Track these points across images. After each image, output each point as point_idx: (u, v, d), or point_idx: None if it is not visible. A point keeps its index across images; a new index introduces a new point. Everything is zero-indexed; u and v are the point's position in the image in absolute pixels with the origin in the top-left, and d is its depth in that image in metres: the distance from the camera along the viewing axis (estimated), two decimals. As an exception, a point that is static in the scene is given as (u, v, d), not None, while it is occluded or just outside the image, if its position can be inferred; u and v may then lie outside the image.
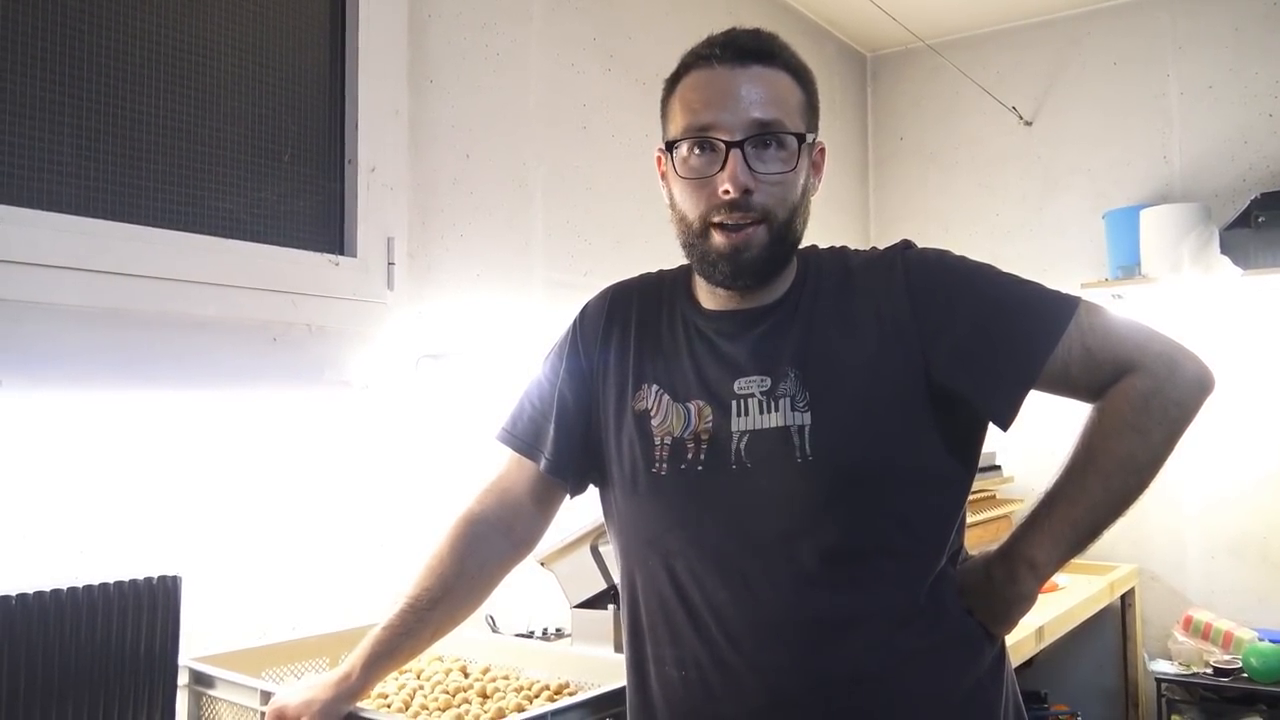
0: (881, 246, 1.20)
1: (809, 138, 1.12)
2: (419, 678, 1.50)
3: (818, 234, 1.17)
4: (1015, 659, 2.07)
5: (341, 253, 1.78)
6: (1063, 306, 1.09)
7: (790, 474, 1.07)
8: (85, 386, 1.41)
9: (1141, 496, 1.09)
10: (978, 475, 3.13)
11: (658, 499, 1.14)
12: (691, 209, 1.10)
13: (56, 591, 1.27)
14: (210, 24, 1.61)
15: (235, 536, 1.59)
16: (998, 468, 3.03)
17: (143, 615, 1.35)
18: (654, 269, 1.30)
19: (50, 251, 1.37)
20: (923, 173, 3.51)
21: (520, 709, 1.36)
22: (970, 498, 2.64)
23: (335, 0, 1.81)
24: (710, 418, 1.12)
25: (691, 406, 1.14)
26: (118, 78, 1.49)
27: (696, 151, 1.09)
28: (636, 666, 1.18)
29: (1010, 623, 1.14)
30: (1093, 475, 1.08)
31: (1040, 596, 2.54)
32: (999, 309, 1.09)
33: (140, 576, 1.35)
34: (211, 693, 1.38)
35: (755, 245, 1.09)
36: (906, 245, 1.16)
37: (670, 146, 1.12)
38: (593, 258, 2.34)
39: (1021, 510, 1.15)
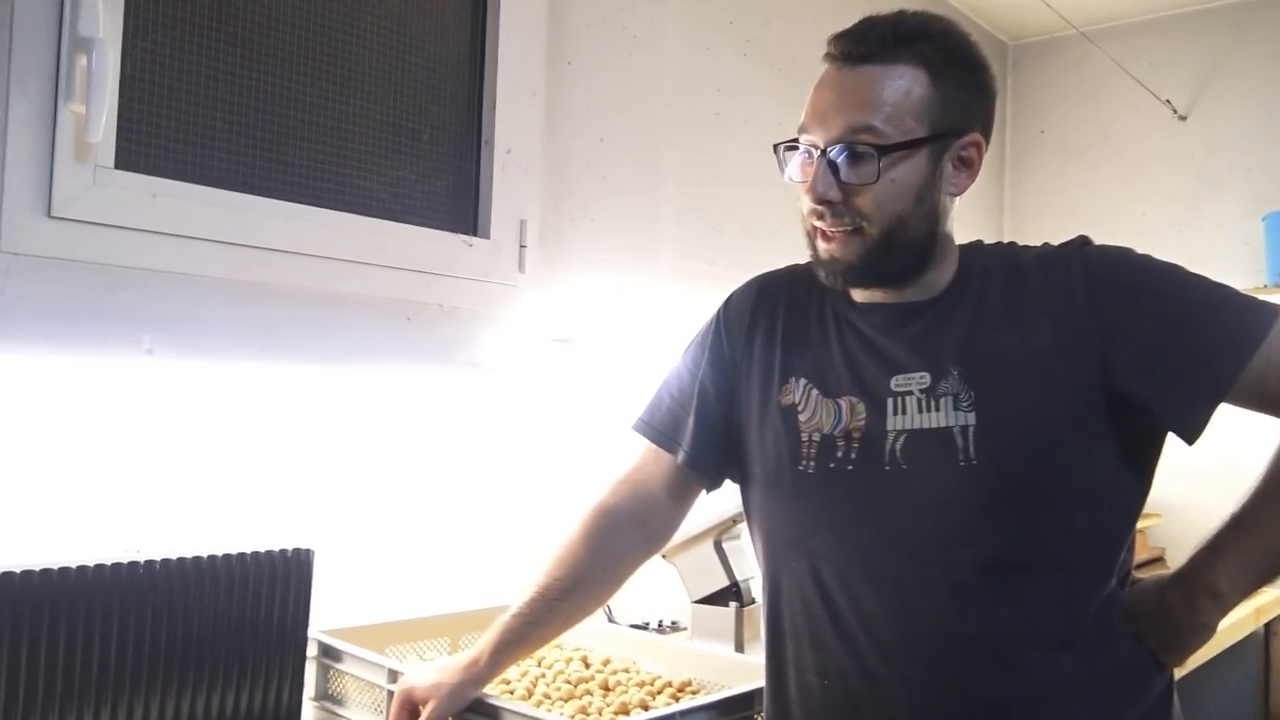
0: (1022, 243, 1.13)
1: (922, 140, 1.04)
2: (540, 665, 1.49)
3: (956, 231, 1.12)
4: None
5: (475, 234, 1.78)
6: (1261, 314, 1.00)
7: (951, 478, 1.01)
8: (227, 357, 1.43)
9: None
10: None
11: (804, 498, 1.10)
12: (803, 210, 1.09)
13: (196, 558, 1.29)
14: (357, 4, 1.62)
15: (364, 512, 1.61)
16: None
17: (275, 586, 1.36)
18: (783, 260, 1.27)
19: (200, 224, 1.39)
20: (1064, 168, 3.35)
21: (644, 705, 1.33)
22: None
23: (478, -19, 1.81)
24: (863, 415, 1.07)
25: (843, 402, 1.09)
26: (269, 56, 1.50)
27: (803, 155, 1.07)
28: (775, 671, 1.14)
29: (1185, 654, 1.06)
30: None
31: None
32: (1190, 313, 1.01)
33: (275, 548, 1.36)
34: (339, 666, 1.40)
35: (851, 253, 1.06)
36: (1085, 241, 1.09)
37: (782, 147, 1.10)
38: (721, 246, 2.29)
39: (1202, 535, 1.06)
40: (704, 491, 1.27)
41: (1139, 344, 1.00)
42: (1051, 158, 3.38)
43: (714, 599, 1.75)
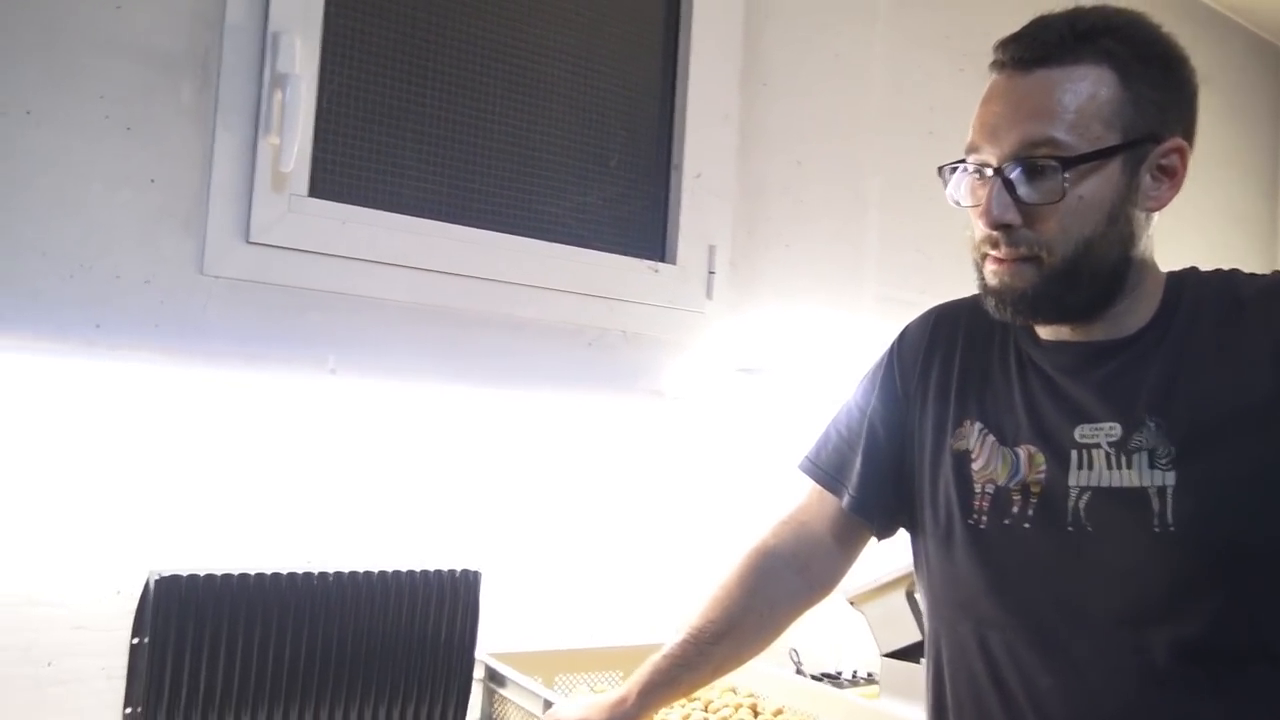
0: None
1: (1112, 148, 0.89)
2: (706, 709, 1.42)
3: (1209, 254, 0.96)
4: None
5: (662, 259, 1.75)
6: None
7: (1144, 545, 0.87)
8: (408, 378, 1.47)
9: None
10: None
11: (974, 556, 0.98)
12: (972, 237, 0.96)
13: (368, 573, 1.33)
14: (547, 31, 1.64)
15: (536, 537, 1.60)
16: None
17: (444, 606, 1.38)
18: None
19: (386, 249, 1.44)
20: (1353, 185, 2.94)
21: (809, 762, 1.23)
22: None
23: (670, 4, 1.79)
24: (1043, 467, 0.94)
25: (1021, 452, 0.97)
26: (458, 85, 1.55)
27: (974, 175, 0.95)
28: None
29: None
30: None
31: None
32: None
33: (444, 568, 1.38)
34: (502, 691, 1.39)
35: (1024, 282, 0.92)
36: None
37: (949, 169, 0.98)
38: (932, 273, 2.15)
39: None
40: (874, 539, 1.17)
41: None
42: (1337, 174, 2.97)
43: (907, 653, 1.61)
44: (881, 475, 1.12)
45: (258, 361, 1.35)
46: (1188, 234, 2.65)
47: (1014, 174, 0.90)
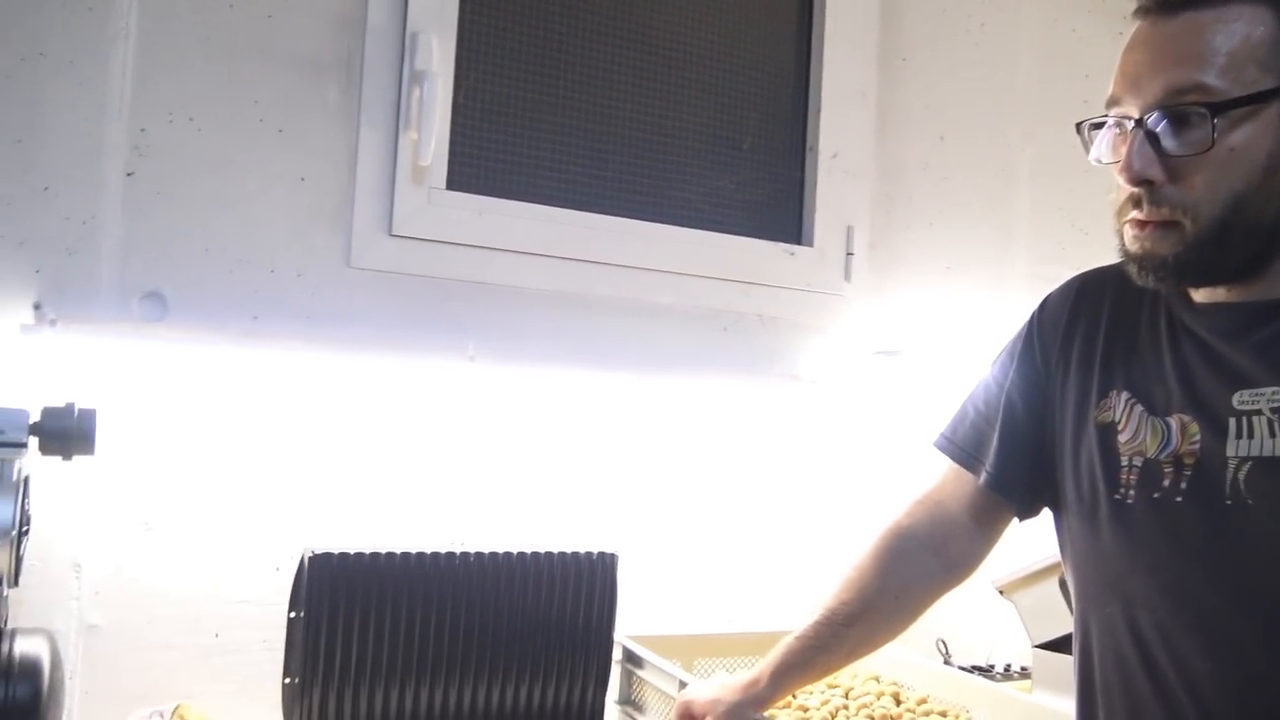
0: None
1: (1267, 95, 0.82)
2: (846, 696, 1.39)
3: None
4: None
5: (798, 242, 1.73)
6: None
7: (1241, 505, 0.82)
8: (545, 364, 1.50)
9: None
10: None
11: (1122, 533, 0.92)
12: (1116, 199, 0.90)
13: (509, 554, 1.36)
14: (677, 16, 1.64)
15: (673, 521, 1.61)
16: None
17: (583, 587, 1.40)
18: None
19: (523, 239, 1.48)
20: None
21: (951, 753, 1.19)
22: None
23: (804, -17, 1.76)
24: (1197, 437, 0.88)
25: (1173, 422, 0.90)
26: (590, 76, 1.57)
27: (1115, 130, 0.88)
28: None
29: None
30: None
31: None
32: None
33: (582, 550, 1.40)
34: (640, 673, 1.40)
35: (1167, 248, 0.86)
36: None
37: (1090, 125, 0.92)
38: (1090, 249, 2.03)
39: None
40: (1015, 519, 1.12)
41: None
42: None
43: (1060, 645, 1.53)
44: (1020, 451, 1.07)
45: (401, 349, 1.41)
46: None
47: (1158, 125, 0.85)
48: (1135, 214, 0.88)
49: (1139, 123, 0.85)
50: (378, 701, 1.28)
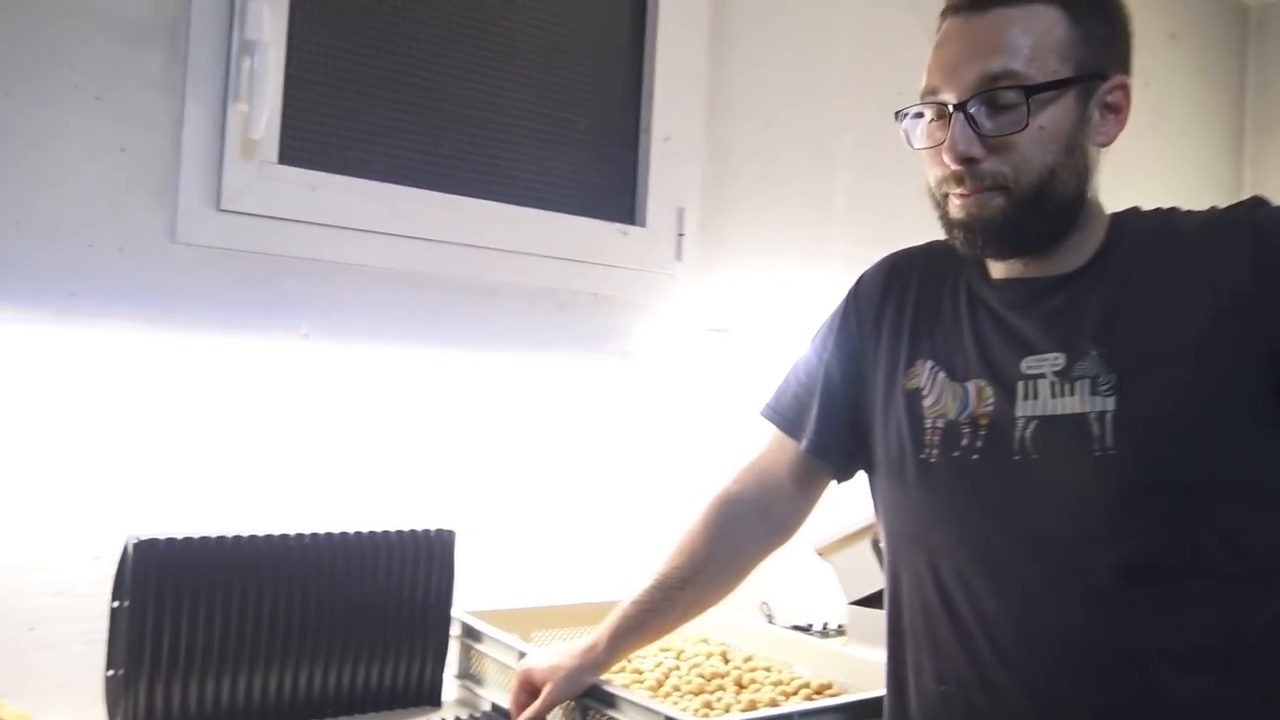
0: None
1: (1069, 81, 0.93)
2: (678, 657, 1.46)
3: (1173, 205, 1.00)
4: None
5: (631, 222, 1.77)
6: None
7: (1085, 469, 0.91)
8: (381, 343, 1.49)
9: None
10: None
11: (926, 489, 1.02)
12: (932, 179, 0.99)
13: (344, 534, 1.36)
14: (514, -4, 1.65)
15: (510, 497, 1.64)
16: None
17: (420, 565, 1.41)
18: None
19: (358, 216, 1.46)
20: (1316, 140, 2.98)
21: (774, 704, 1.28)
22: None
23: (638, -33, 1.80)
24: (991, 400, 0.98)
25: (970, 386, 1.00)
26: (428, 52, 1.56)
27: (930, 118, 0.97)
28: (894, 674, 1.07)
29: None
30: None
31: None
32: None
33: (419, 528, 1.41)
34: (479, 647, 1.42)
35: (991, 212, 0.94)
36: (1257, 202, 0.94)
37: (907, 114, 1.00)
38: (901, 233, 2.15)
39: None
40: (834, 482, 1.21)
41: None
42: (1301, 130, 3.01)
43: (873, 600, 1.66)
44: (838, 418, 1.15)
45: (232, 328, 1.37)
46: (1154, 187, 2.68)
47: (976, 109, 0.93)
48: (960, 188, 0.96)
49: (959, 107, 0.93)
50: (209, 690, 1.25)
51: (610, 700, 1.17)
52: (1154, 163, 2.78)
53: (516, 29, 1.65)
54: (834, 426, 1.15)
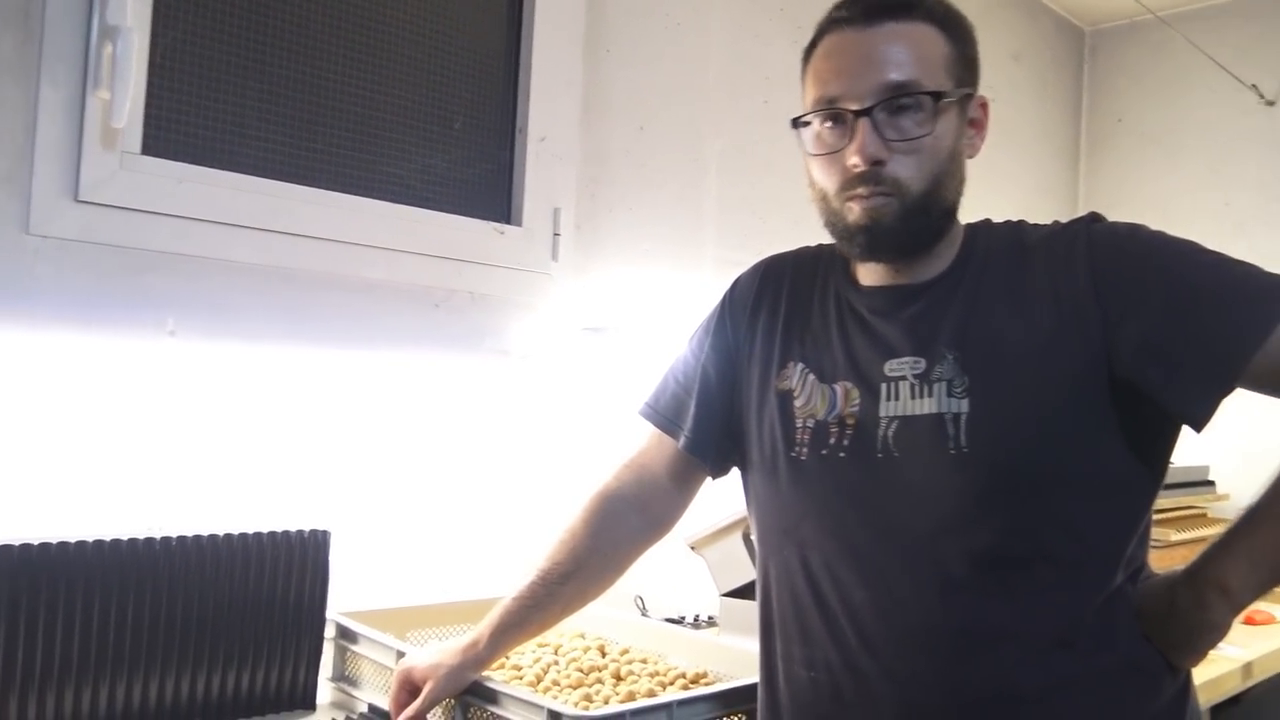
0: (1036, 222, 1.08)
1: (957, 94, 1.00)
2: (556, 653, 1.48)
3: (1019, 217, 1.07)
4: (1216, 695, 1.85)
5: (508, 221, 1.78)
6: (1278, 292, 0.92)
7: (941, 466, 0.97)
8: (252, 340, 1.46)
9: None
10: (1188, 490, 2.78)
11: (796, 486, 1.07)
12: (829, 185, 1.02)
13: (214, 537, 1.32)
14: (389, -9, 1.63)
15: (386, 496, 1.62)
16: (1210, 483, 2.73)
17: (293, 566, 1.38)
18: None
19: (227, 210, 1.42)
20: (1142, 157, 3.21)
21: (652, 695, 1.31)
22: (1177, 514, 2.38)
23: (514, -32, 1.80)
24: (857, 401, 1.04)
25: (838, 388, 1.06)
26: (300, 43, 1.52)
27: (828, 125, 1.01)
28: (766, 662, 1.11)
29: (1195, 654, 0.99)
30: None
31: (1252, 629, 2.25)
32: (1198, 293, 0.94)
33: (292, 529, 1.38)
34: (355, 648, 1.41)
35: (889, 216, 0.99)
36: (1094, 218, 1.03)
37: (801, 122, 1.04)
38: (768, 237, 2.24)
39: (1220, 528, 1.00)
40: (709, 478, 1.25)
41: (1143, 327, 0.94)
42: (1129, 146, 3.24)
43: (743, 592, 1.71)
44: (713, 416, 1.19)
45: (93, 325, 1.31)
46: (998, 201, 2.85)
47: (880, 116, 0.97)
48: (860, 190, 0.99)
49: (866, 112, 0.97)
50: (67, 703, 1.20)
51: (491, 696, 1.18)
52: (999, 175, 2.95)
53: (392, 25, 1.64)
54: (710, 425, 1.19)
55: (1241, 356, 0.91)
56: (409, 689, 1.19)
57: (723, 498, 1.36)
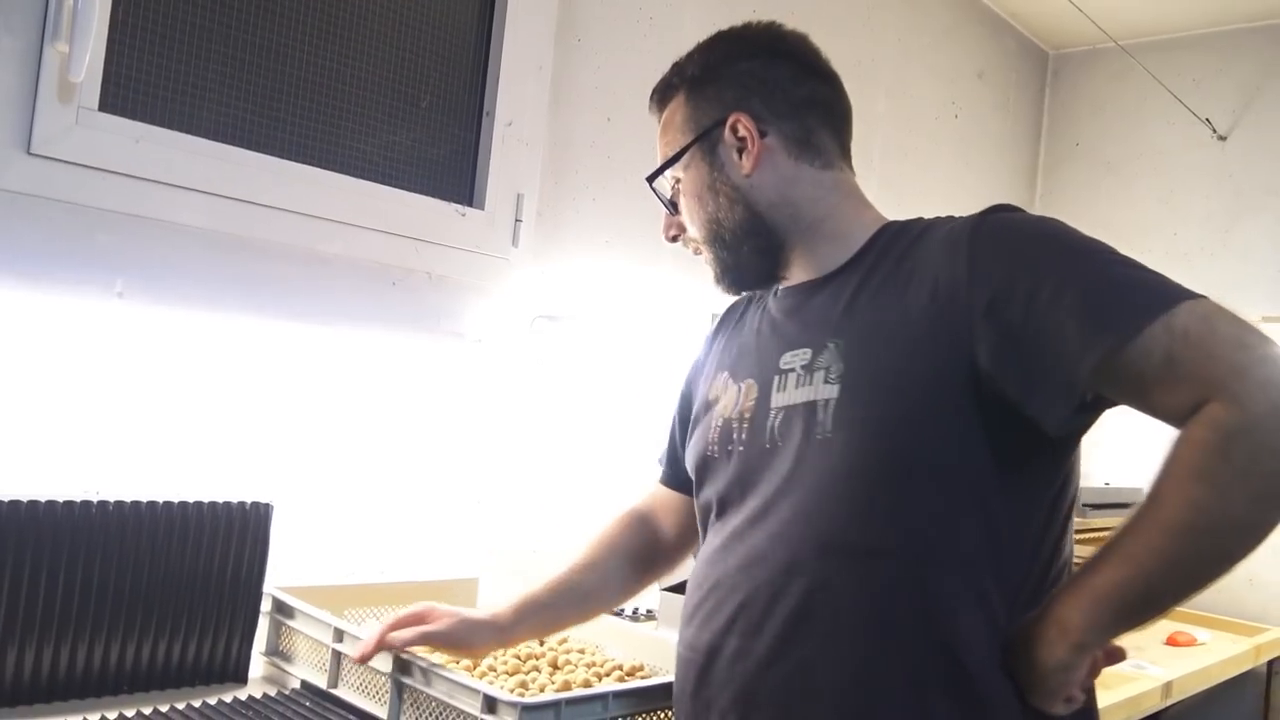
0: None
1: (682, 146, 1.12)
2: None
3: None
4: (1136, 713, 1.90)
5: (470, 204, 1.77)
6: (1156, 298, 0.85)
7: (808, 452, 0.98)
8: (203, 308, 1.44)
9: (1229, 566, 0.82)
10: (1122, 511, 2.83)
11: (710, 482, 1.11)
12: None
13: (153, 503, 1.30)
14: (363, -37, 1.61)
15: (331, 473, 1.60)
16: (1144, 505, 2.79)
17: (233, 538, 1.37)
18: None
19: (184, 173, 1.40)
20: (1096, 181, 3.28)
21: (588, 684, 1.31)
22: (1108, 535, 2.40)
23: (490, -50, 1.79)
24: (754, 396, 1.07)
25: (743, 386, 1.10)
26: (268, 9, 1.50)
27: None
28: None
29: (1041, 695, 0.91)
30: (1154, 530, 0.84)
31: (1174, 650, 2.31)
32: (1063, 289, 0.88)
33: (234, 500, 1.37)
34: (291, 623, 1.39)
35: (711, 262, 1.13)
36: (1000, 209, 0.99)
37: None
38: (728, 236, 2.26)
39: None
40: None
41: (1006, 321, 0.90)
42: (1085, 170, 3.31)
43: (682, 588, 1.72)
44: (678, 447, 1.27)
45: (39, 281, 1.28)
46: (958, 211, 2.90)
47: (664, 196, 1.18)
48: (690, 250, 1.17)
49: (659, 197, 1.18)
50: (-9, 663, 1.17)
51: (427, 678, 1.17)
52: (961, 190, 2.99)
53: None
54: (676, 456, 1.27)
55: (1089, 361, 0.86)
56: (412, 621, 1.18)
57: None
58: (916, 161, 2.80)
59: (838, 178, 1.11)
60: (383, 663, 1.21)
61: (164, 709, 1.22)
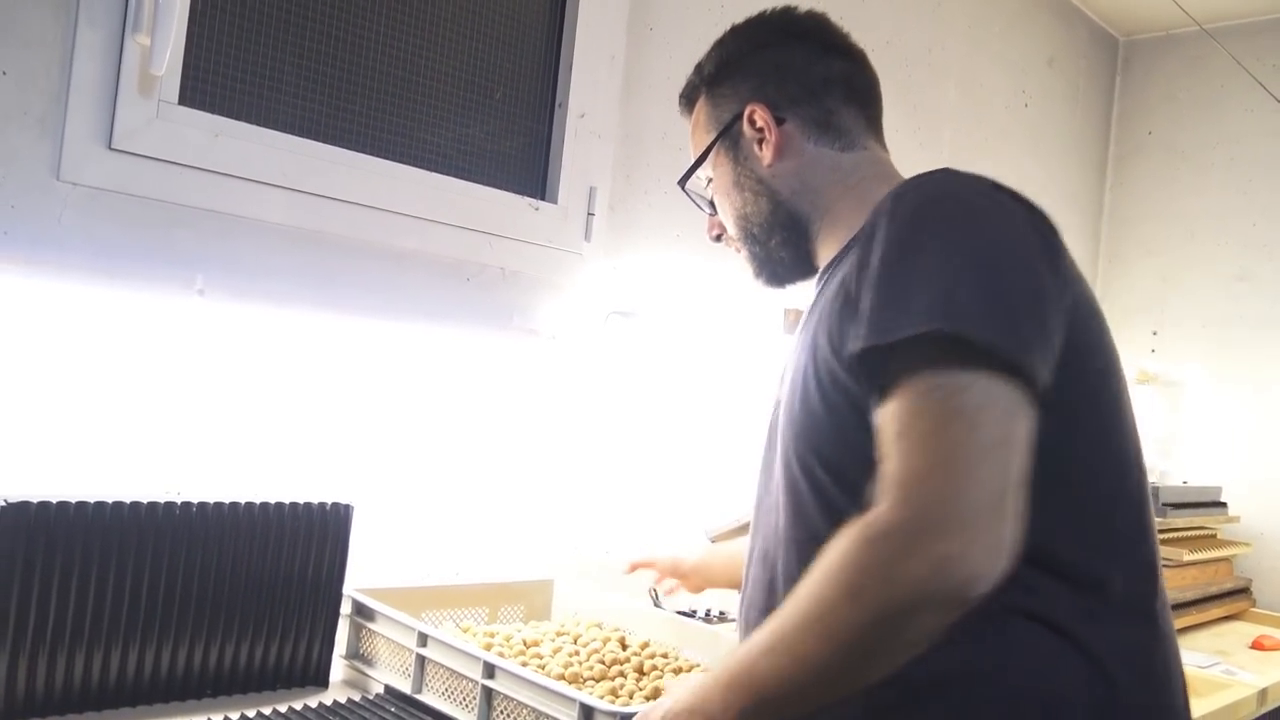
0: (1118, 251, 1.07)
1: (706, 145, 1.13)
2: (575, 643, 1.44)
3: None
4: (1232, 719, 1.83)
5: (543, 198, 1.73)
6: (896, 323, 0.80)
7: (769, 446, 1.03)
8: (281, 304, 1.41)
9: (844, 682, 0.77)
10: (1199, 511, 2.72)
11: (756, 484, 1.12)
12: None
13: (234, 504, 1.28)
14: (437, -48, 1.58)
15: (406, 472, 1.58)
16: (1222, 504, 2.71)
17: (313, 539, 1.34)
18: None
19: (261, 167, 1.37)
20: (1171, 172, 3.18)
21: (678, 693, 1.27)
22: (1188, 535, 2.36)
23: (562, -61, 1.75)
24: (778, 389, 1.07)
25: (783, 372, 1.09)
26: (343, 3, 1.47)
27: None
28: None
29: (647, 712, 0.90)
30: (787, 617, 0.80)
31: (1261, 654, 2.22)
32: (879, 270, 0.85)
33: (314, 500, 1.34)
34: (372, 626, 1.37)
35: (747, 261, 1.15)
36: (922, 178, 0.92)
37: None
38: (798, 229, 2.21)
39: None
40: None
41: (856, 301, 0.87)
42: (1158, 160, 3.21)
43: (763, 591, 1.68)
44: None
45: (119, 277, 1.27)
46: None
47: (700, 200, 1.20)
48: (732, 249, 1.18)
49: (701, 200, 1.19)
50: (78, 666, 1.16)
51: (520, 687, 1.14)
52: (1028, 183, 2.91)
53: (437, -13, 1.59)
54: None
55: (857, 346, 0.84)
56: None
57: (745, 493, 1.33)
58: (986, 152, 2.73)
59: (861, 157, 1.08)
60: (471, 668, 1.18)
61: (250, 714, 1.20)
